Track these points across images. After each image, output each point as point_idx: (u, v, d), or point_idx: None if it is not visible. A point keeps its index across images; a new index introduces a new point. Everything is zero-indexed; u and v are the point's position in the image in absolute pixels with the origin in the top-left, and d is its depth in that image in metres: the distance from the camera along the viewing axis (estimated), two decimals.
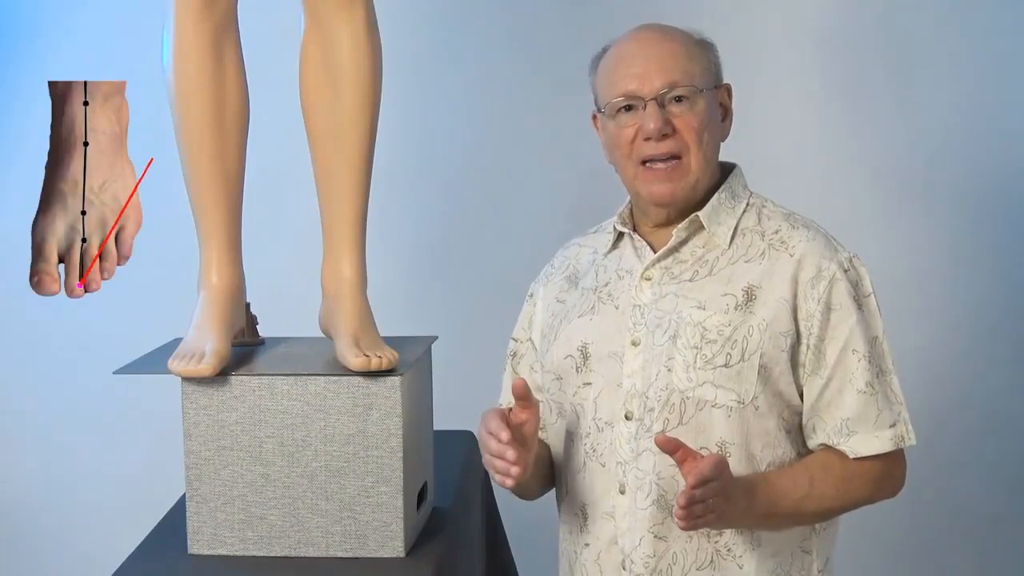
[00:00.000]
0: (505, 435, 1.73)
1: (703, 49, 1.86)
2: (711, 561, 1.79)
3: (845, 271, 1.80)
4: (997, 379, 2.98)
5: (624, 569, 1.81)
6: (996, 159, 2.95)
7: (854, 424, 1.78)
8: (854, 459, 1.79)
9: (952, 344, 2.98)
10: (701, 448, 1.77)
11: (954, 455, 2.98)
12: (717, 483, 1.66)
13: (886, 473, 1.82)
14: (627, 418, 1.80)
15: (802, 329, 1.79)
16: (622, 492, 1.81)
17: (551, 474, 1.97)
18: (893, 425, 1.80)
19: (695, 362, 1.77)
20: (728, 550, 1.79)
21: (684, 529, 1.70)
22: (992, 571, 3.02)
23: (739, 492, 1.72)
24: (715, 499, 1.67)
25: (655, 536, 1.79)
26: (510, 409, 1.76)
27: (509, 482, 1.75)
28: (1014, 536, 3.01)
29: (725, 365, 1.77)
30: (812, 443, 1.82)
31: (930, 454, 2.93)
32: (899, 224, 2.96)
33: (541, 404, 1.96)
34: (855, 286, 1.81)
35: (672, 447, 1.67)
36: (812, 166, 2.95)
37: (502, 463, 1.74)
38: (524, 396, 1.75)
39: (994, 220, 2.96)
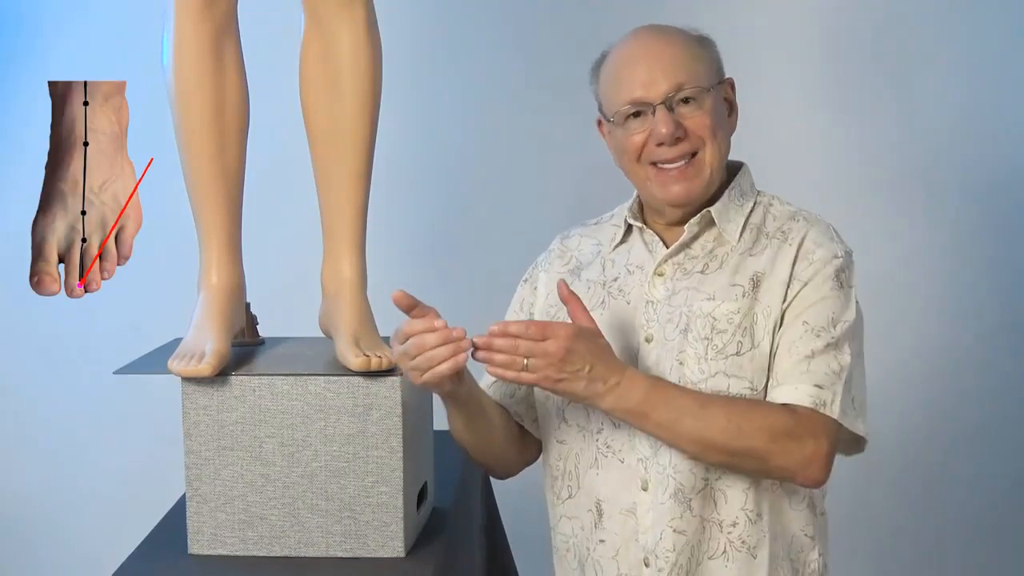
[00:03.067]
0: (440, 322, 1.70)
1: (703, 47, 1.86)
2: (724, 551, 1.79)
3: (834, 257, 1.81)
4: (997, 379, 2.98)
5: (647, 566, 1.80)
6: (997, 159, 2.95)
7: (783, 377, 1.76)
8: (764, 400, 1.75)
9: (952, 344, 2.98)
10: None
11: (954, 455, 2.98)
12: (529, 345, 1.67)
13: (793, 434, 1.72)
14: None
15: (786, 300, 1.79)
16: (644, 488, 1.80)
17: (521, 443, 1.94)
18: (819, 387, 1.75)
19: (706, 353, 1.77)
20: (742, 541, 1.79)
21: (481, 361, 1.70)
22: (992, 571, 3.02)
23: (596, 371, 1.70)
24: (534, 362, 1.68)
25: (674, 530, 1.78)
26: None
27: (463, 358, 1.70)
28: (1014, 536, 3.01)
29: (736, 353, 1.77)
30: None
31: (930, 453, 2.94)
32: (899, 224, 2.97)
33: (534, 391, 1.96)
34: (837, 272, 1.80)
35: (564, 295, 1.75)
36: (812, 166, 2.96)
37: (447, 348, 1.69)
38: (411, 305, 1.73)
39: (995, 220, 2.96)
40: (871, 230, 2.89)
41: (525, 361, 1.68)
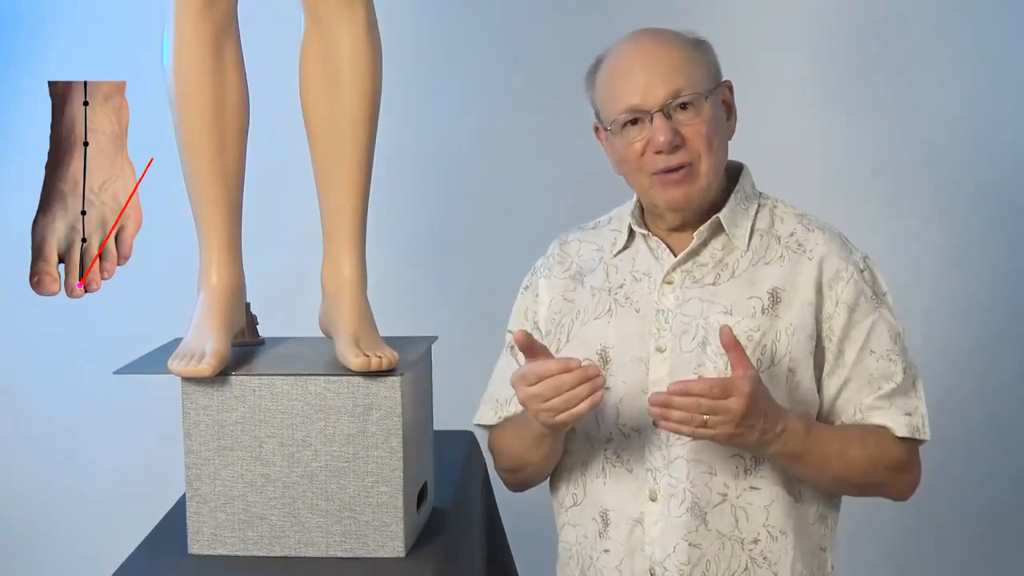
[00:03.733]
0: (574, 361, 1.70)
1: (700, 50, 1.84)
2: (745, 568, 1.78)
3: (861, 271, 1.81)
4: (1001, 379, 2.98)
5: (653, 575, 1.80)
6: (999, 159, 2.95)
7: (870, 408, 1.80)
8: (887, 435, 1.79)
9: (955, 344, 2.98)
10: (733, 456, 1.77)
11: (958, 455, 2.97)
12: (711, 403, 1.66)
13: (906, 465, 1.83)
14: (656, 425, 1.80)
15: (824, 330, 1.79)
16: (653, 499, 1.80)
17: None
18: (909, 415, 1.80)
19: (726, 369, 1.76)
20: (764, 558, 1.78)
21: (658, 426, 1.71)
22: (994, 572, 3.02)
23: (767, 421, 1.71)
24: (714, 419, 1.67)
25: (689, 544, 1.78)
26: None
27: (600, 395, 1.70)
28: (1014, 536, 3.01)
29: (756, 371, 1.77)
30: None
31: (933, 453, 2.92)
32: (900, 224, 2.96)
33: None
34: (872, 285, 1.82)
35: (728, 341, 1.69)
36: (813, 166, 2.95)
37: (585, 387, 1.68)
38: (529, 345, 1.73)
39: (997, 220, 2.96)
40: (871, 231, 2.88)
41: (705, 418, 1.68)
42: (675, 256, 1.84)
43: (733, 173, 1.89)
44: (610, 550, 1.84)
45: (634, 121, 1.80)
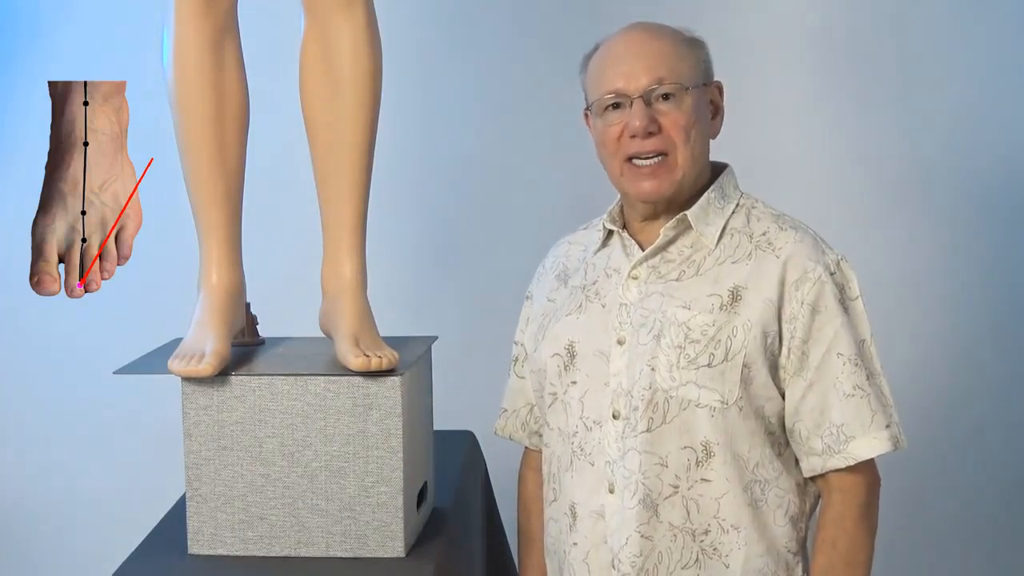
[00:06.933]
0: None
1: (692, 47, 1.85)
2: (696, 560, 1.79)
3: (831, 274, 1.80)
4: (995, 380, 2.98)
5: (613, 568, 1.81)
6: (998, 159, 2.95)
7: (850, 429, 1.78)
8: (834, 511, 1.81)
9: (950, 345, 2.98)
10: (684, 448, 1.77)
11: (952, 457, 2.98)
12: None
13: (869, 501, 1.82)
14: (615, 417, 1.80)
15: (784, 331, 1.78)
16: (611, 491, 1.81)
17: None
18: (888, 426, 1.80)
19: (678, 361, 1.77)
20: (714, 549, 1.79)
21: None
22: (992, 571, 3.02)
23: None
24: None
25: (641, 536, 1.79)
26: None
27: None
28: (1013, 538, 3.01)
29: (708, 365, 1.77)
30: (803, 452, 1.81)
31: (928, 456, 2.94)
32: (896, 225, 2.96)
33: (534, 401, 1.98)
34: (841, 289, 1.80)
35: None
36: (808, 166, 2.95)
37: None
38: None
39: (992, 221, 2.96)
40: (871, 231, 2.89)
41: None
42: (644, 252, 1.85)
43: (716, 173, 1.89)
44: (578, 543, 1.85)
45: (616, 105, 1.82)
